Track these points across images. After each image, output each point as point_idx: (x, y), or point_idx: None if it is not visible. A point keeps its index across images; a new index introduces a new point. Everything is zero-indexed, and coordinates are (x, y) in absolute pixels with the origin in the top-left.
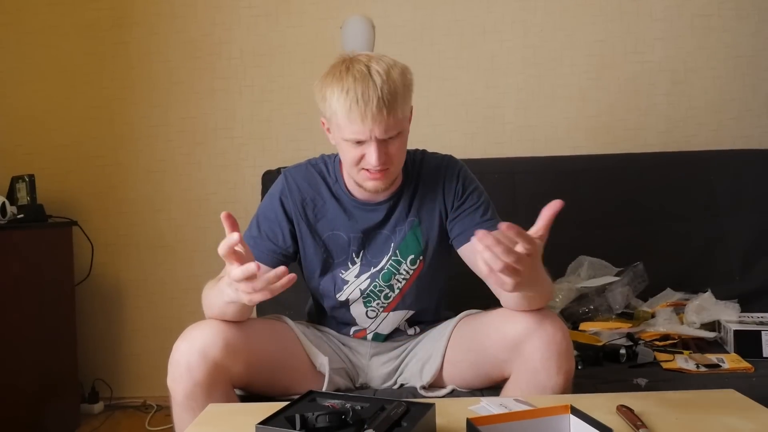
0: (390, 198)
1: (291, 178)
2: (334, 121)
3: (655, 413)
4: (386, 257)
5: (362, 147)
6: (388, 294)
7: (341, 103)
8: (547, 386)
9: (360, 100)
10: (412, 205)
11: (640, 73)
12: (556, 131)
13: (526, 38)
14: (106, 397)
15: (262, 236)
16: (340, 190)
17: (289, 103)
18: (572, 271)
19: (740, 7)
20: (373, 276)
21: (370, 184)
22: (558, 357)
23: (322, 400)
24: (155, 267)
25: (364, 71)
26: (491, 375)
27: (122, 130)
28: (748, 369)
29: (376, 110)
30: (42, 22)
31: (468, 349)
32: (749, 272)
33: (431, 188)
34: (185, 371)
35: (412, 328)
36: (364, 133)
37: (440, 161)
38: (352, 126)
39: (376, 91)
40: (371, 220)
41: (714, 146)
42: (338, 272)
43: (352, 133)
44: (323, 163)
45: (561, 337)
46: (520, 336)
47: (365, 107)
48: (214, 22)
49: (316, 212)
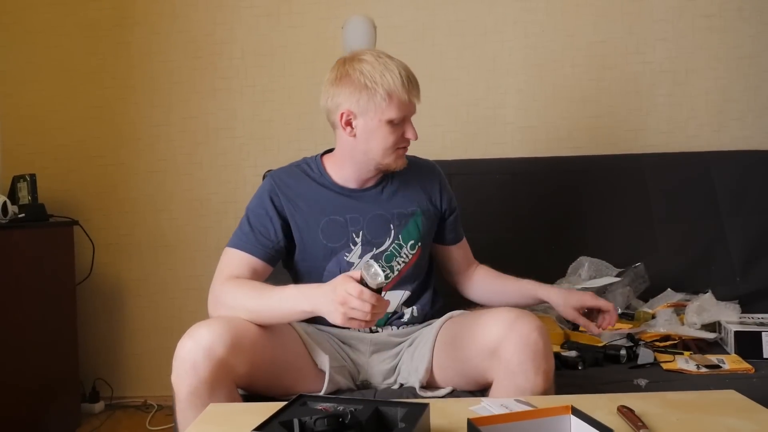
0: (377, 184)
1: (277, 178)
2: (374, 105)
3: (656, 414)
4: (389, 239)
5: (399, 127)
6: (389, 275)
7: (397, 83)
8: (527, 388)
9: (412, 78)
10: (410, 195)
11: (641, 74)
12: (558, 132)
13: (527, 39)
14: (107, 397)
15: (255, 232)
16: (327, 181)
17: (291, 103)
18: (573, 272)
19: (742, 9)
20: (376, 257)
21: (401, 162)
22: (534, 357)
23: (314, 404)
24: (156, 267)
25: (393, 58)
26: (479, 381)
27: (123, 130)
28: (748, 370)
29: (417, 85)
30: (44, 21)
31: (453, 357)
32: (750, 273)
33: (430, 187)
34: (190, 368)
35: (408, 308)
36: (410, 109)
37: (431, 165)
38: (403, 105)
39: (408, 69)
40: (364, 200)
41: (715, 147)
42: (342, 256)
43: (400, 111)
44: (305, 164)
45: (536, 336)
46: (495, 341)
47: (411, 84)
48: (216, 22)
49: (308, 202)
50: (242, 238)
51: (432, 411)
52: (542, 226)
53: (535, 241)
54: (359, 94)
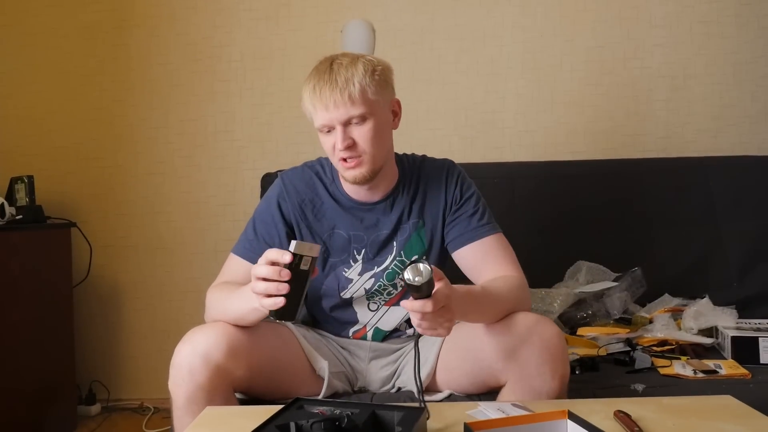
0: (386, 197)
1: (288, 181)
2: (308, 116)
3: (653, 419)
4: (390, 256)
5: (332, 135)
6: (391, 291)
7: (305, 93)
8: (543, 391)
9: (316, 86)
10: (415, 207)
11: (639, 79)
12: (556, 136)
13: (525, 43)
14: (104, 399)
15: (259, 239)
16: (337, 190)
17: (289, 107)
18: (570, 276)
19: (739, 14)
20: (377, 276)
21: (349, 174)
22: (553, 361)
23: (310, 407)
24: (154, 269)
25: (326, 63)
26: (487, 383)
27: (122, 132)
28: (745, 375)
29: (329, 92)
30: (42, 23)
31: (462, 357)
32: (747, 278)
33: (434, 191)
34: (187, 374)
35: (411, 328)
36: (325, 117)
37: (440, 165)
38: (316, 113)
39: (332, 75)
40: (370, 219)
41: (712, 152)
42: (341, 270)
43: (318, 120)
44: (319, 165)
45: (556, 341)
46: (513, 343)
47: (321, 91)
48: (215, 25)
49: (315, 212)
50: (246, 246)
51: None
52: (540, 231)
53: (533, 245)
54: (303, 101)
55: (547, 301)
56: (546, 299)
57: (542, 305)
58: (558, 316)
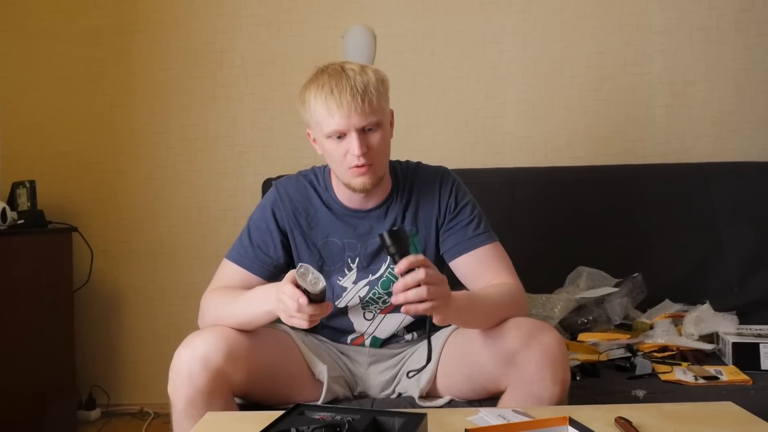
0: (380, 205)
1: (282, 189)
2: (315, 121)
3: (653, 425)
4: (385, 265)
5: (344, 142)
6: (386, 299)
7: (318, 98)
8: (544, 397)
9: (335, 90)
10: (408, 214)
11: (639, 85)
12: (556, 142)
13: (526, 49)
14: (104, 404)
15: (254, 246)
16: (330, 198)
17: (290, 112)
18: (571, 282)
19: (739, 21)
20: (371, 283)
21: (358, 181)
22: (553, 366)
23: (311, 413)
24: (154, 274)
25: (337, 69)
26: (487, 388)
27: (123, 137)
28: (746, 381)
29: (350, 97)
30: (44, 29)
31: (462, 363)
32: (747, 284)
33: (427, 198)
34: (186, 378)
35: (410, 334)
36: (342, 123)
37: (434, 172)
38: (331, 118)
39: (349, 81)
40: (364, 226)
41: (712, 158)
42: (335, 279)
43: (332, 126)
44: (313, 174)
45: (556, 346)
46: (514, 348)
47: (340, 96)
48: (216, 31)
49: (309, 220)
50: (241, 252)
51: (429, 421)
52: (540, 236)
53: (534, 250)
54: (304, 107)
55: (547, 307)
56: (546, 305)
57: (543, 311)
58: (559, 321)
